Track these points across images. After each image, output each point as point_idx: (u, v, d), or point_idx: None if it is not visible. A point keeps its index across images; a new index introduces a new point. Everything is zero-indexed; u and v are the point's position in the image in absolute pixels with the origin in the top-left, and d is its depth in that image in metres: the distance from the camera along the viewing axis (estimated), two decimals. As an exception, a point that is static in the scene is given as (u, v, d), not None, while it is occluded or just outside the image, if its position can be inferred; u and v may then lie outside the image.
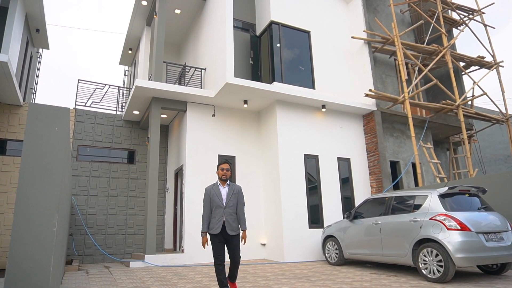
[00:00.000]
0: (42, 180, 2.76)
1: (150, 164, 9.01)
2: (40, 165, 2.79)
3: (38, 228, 2.70)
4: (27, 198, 2.73)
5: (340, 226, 7.92)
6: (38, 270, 2.65)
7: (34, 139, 2.88)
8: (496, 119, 12.64)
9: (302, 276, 6.44)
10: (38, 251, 2.66)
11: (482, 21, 13.56)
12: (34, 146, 2.85)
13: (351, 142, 10.64)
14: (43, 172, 2.79)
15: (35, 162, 2.78)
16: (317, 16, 11.38)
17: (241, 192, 4.79)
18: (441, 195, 6.06)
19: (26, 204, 2.70)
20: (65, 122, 3.15)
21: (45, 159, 2.81)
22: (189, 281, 6.07)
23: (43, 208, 2.72)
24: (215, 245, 4.55)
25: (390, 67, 12.41)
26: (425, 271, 5.76)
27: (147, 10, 11.75)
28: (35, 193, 2.76)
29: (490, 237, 5.63)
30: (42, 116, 2.91)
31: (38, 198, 2.75)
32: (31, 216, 2.70)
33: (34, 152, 2.83)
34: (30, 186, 2.76)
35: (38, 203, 2.72)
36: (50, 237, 2.74)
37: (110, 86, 11.19)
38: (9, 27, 9.34)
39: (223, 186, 4.74)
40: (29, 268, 2.62)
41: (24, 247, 2.62)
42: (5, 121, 9.55)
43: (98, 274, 7.14)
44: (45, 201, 2.75)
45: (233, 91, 9.14)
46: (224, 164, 4.78)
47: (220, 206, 4.58)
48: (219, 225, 4.51)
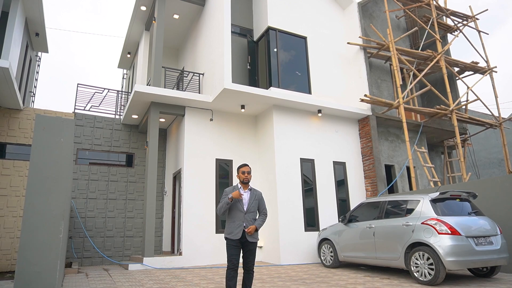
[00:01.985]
0: (49, 188, 2.89)
1: (149, 167, 9.14)
2: (47, 174, 2.92)
3: (45, 235, 2.82)
4: (34, 206, 2.85)
5: (335, 230, 8.09)
6: (45, 274, 2.77)
7: (41, 149, 3.00)
8: (489, 123, 12.85)
9: (298, 279, 6.59)
10: (45, 256, 2.78)
11: (476, 27, 13.79)
12: (41, 156, 2.98)
13: (346, 146, 10.82)
14: (49, 181, 2.92)
15: (42, 171, 2.91)
16: (314, 22, 11.57)
17: (262, 199, 4.59)
18: (432, 200, 6.23)
19: (34, 212, 2.82)
20: (69, 132, 3.29)
21: (51, 168, 2.95)
22: (187, 283, 6.21)
23: (50, 216, 2.85)
24: (231, 248, 4.29)
25: (385, 72, 12.61)
26: (417, 274, 5.93)
27: (146, 15, 11.90)
28: (42, 201, 2.88)
29: (480, 241, 5.81)
30: (48, 127, 3.04)
31: (45, 206, 2.87)
32: (39, 223, 2.82)
33: (41, 162, 2.96)
34: (38, 194, 2.87)
35: (45, 210, 2.85)
36: (56, 243, 2.88)
37: (109, 90, 11.32)
38: (10, 32, 9.46)
39: (244, 190, 4.49)
40: (36, 273, 2.74)
41: (32, 252, 2.74)
42: (5, 125, 9.65)
43: (97, 276, 7.26)
44: (52, 208, 2.88)
45: (230, 96, 9.30)
46: (245, 166, 4.50)
47: (241, 211, 4.35)
48: (239, 231, 4.28)
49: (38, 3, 10.47)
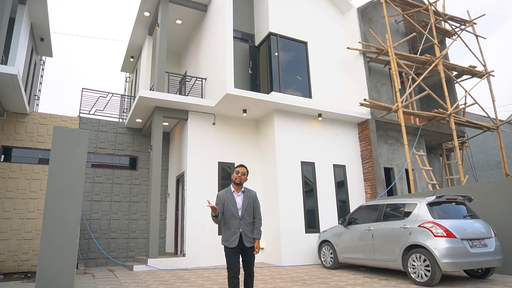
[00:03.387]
0: (66, 195, 3.10)
1: (153, 170, 9.35)
2: (65, 182, 3.13)
3: (63, 239, 3.02)
4: (53, 212, 3.05)
5: (335, 232, 8.29)
6: (63, 276, 2.98)
7: (59, 159, 3.21)
8: (487, 126, 13.05)
9: (299, 280, 6.79)
10: (63, 259, 2.99)
11: (474, 32, 14.00)
12: (59, 165, 3.18)
13: (346, 149, 11.03)
14: (67, 188, 3.12)
15: (60, 180, 3.11)
16: (314, 27, 11.78)
17: (257, 200, 4.37)
18: (429, 204, 6.44)
19: (53, 217, 3.02)
20: (84, 143, 3.50)
21: (68, 176, 3.15)
22: (191, 284, 6.42)
23: (67, 221, 3.06)
24: (230, 256, 4.13)
25: (385, 76, 12.82)
26: (414, 275, 6.13)
27: (149, 20, 12.11)
28: (61, 208, 3.08)
29: (474, 243, 6.01)
30: (65, 138, 3.25)
31: (64, 212, 3.07)
32: (58, 228, 3.02)
33: (59, 171, 3.16)
34: (56, 201, 3.08)
35: (63, 216, 3.05)
36: (74, 247, 3.09)
37: (113, 94, 11.53)
38: (16, 38, 9.68)
39: (237, 192, 4.27)
40: (55, 275, 2.95)
41: (52, 256, 2.94)
42: (12, 129, 9.87)
43: (104, 277, 7.47)
44: (69, 214, 3.08)
45: (233, 101, 9.51)
46: (240, 167, 4.32)
47: (236, 217, 4.17)
48: (235, 238, 4.12)
49: (43, 8, 10.70)
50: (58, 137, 3.23)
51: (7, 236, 9.17)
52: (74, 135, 3.29)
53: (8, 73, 7.93)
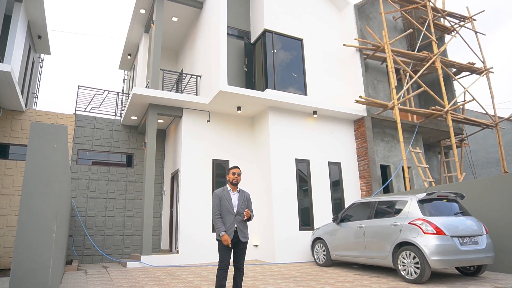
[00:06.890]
0: (42, 192, 3.10)
1: (147, 168, 9.37)
2: (41, 178, 3.13)
3: (39, 234, 3.03)
4: (29, 208, 3.06)
5: (328, 229, 8.27)
6: (39, 271, 2.99)
7: (35, 155, 3.21)
8: (485, 124, 12.95)
9: (289, 277, 6.79)
10: (38, 254, 3.00)
11: (473, 28, 13.87)
12: (35, 162, 3.18)
13: (342, 146, 10.98)
14: (43, 185, 3.13)
15: (37, 176, 3.12)
16: (310, 24, 11.72)
17: (250, 200, 4.77)
18: (420, 201, 6.40)
19: (29, 213, 3.03)
20: (63, 139, 3.50)
21: (45, 172, 3.16)
22: (181, 281, 6.43)
23: (43, 217, 3.07)
24: (223, 249, 4.43)
25: (381, 73, 12.74)
26: (404, 272, 6.10)
27: (145, 18, 12.11)
28: (36, 204, 3.09)
29: (465, 240, 5.97)
30: (42, 134, 3.25)
31: (39, 208, 3.08)
32: (33, 224, 3.03)
33: (35, 167, 3.16)
34: (32, 197, 3.08)
35: (39, 212, 3.06)
36: (49, 242, 3.09)
37: (109, 91, 11.55)
38: (12, 35, 9.72)
39: (233, 191, 4.64)
40: (31, 270, 2.97)
41: (26, 251, 2.96)
42: (8, 126, 9.92)
43: (96, 274, 7.50)
44: (45, 210, 3.09)
45: (227, 98, 9.50)
46: (235, 168, 4.69)
47: (231, 213, 4.49)
48: (230, 232, 4.41)
49: (40, 6, 10.73)
50: (35, 132, 3.22)
51: (3, 232, 9.24)
52: (51, 131, 3.29)
53: (2, 70, 7.97)
